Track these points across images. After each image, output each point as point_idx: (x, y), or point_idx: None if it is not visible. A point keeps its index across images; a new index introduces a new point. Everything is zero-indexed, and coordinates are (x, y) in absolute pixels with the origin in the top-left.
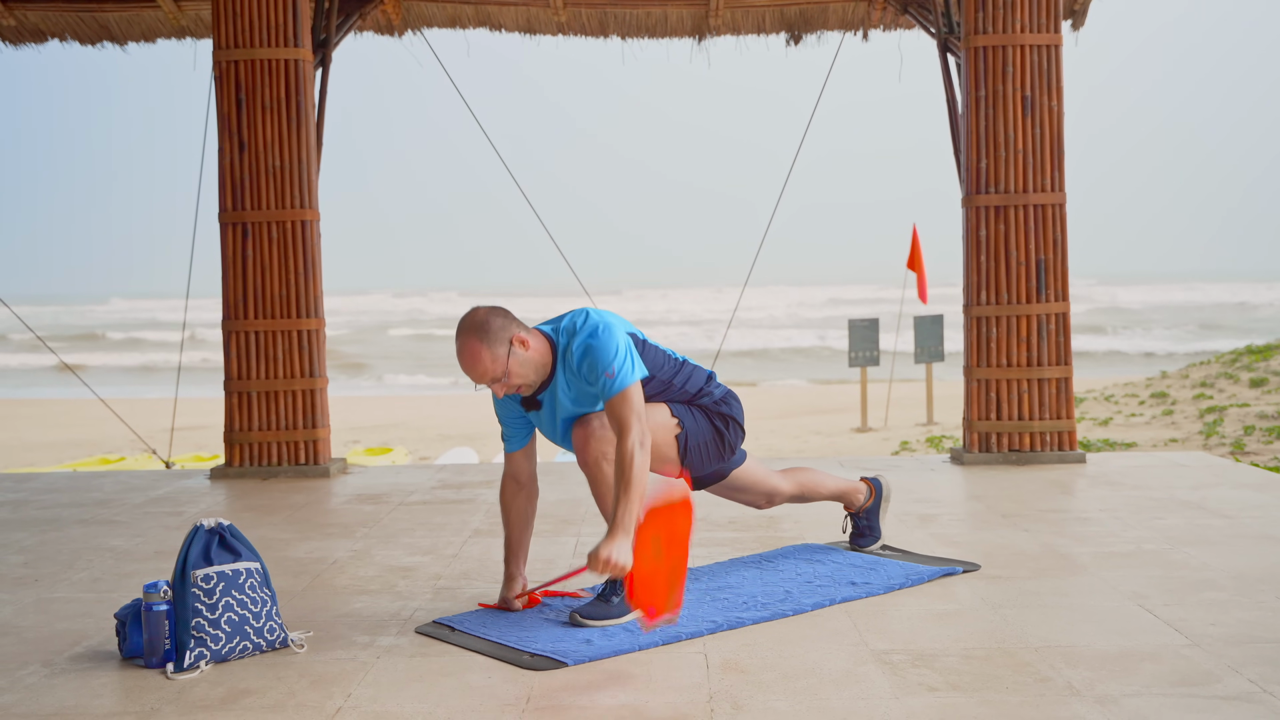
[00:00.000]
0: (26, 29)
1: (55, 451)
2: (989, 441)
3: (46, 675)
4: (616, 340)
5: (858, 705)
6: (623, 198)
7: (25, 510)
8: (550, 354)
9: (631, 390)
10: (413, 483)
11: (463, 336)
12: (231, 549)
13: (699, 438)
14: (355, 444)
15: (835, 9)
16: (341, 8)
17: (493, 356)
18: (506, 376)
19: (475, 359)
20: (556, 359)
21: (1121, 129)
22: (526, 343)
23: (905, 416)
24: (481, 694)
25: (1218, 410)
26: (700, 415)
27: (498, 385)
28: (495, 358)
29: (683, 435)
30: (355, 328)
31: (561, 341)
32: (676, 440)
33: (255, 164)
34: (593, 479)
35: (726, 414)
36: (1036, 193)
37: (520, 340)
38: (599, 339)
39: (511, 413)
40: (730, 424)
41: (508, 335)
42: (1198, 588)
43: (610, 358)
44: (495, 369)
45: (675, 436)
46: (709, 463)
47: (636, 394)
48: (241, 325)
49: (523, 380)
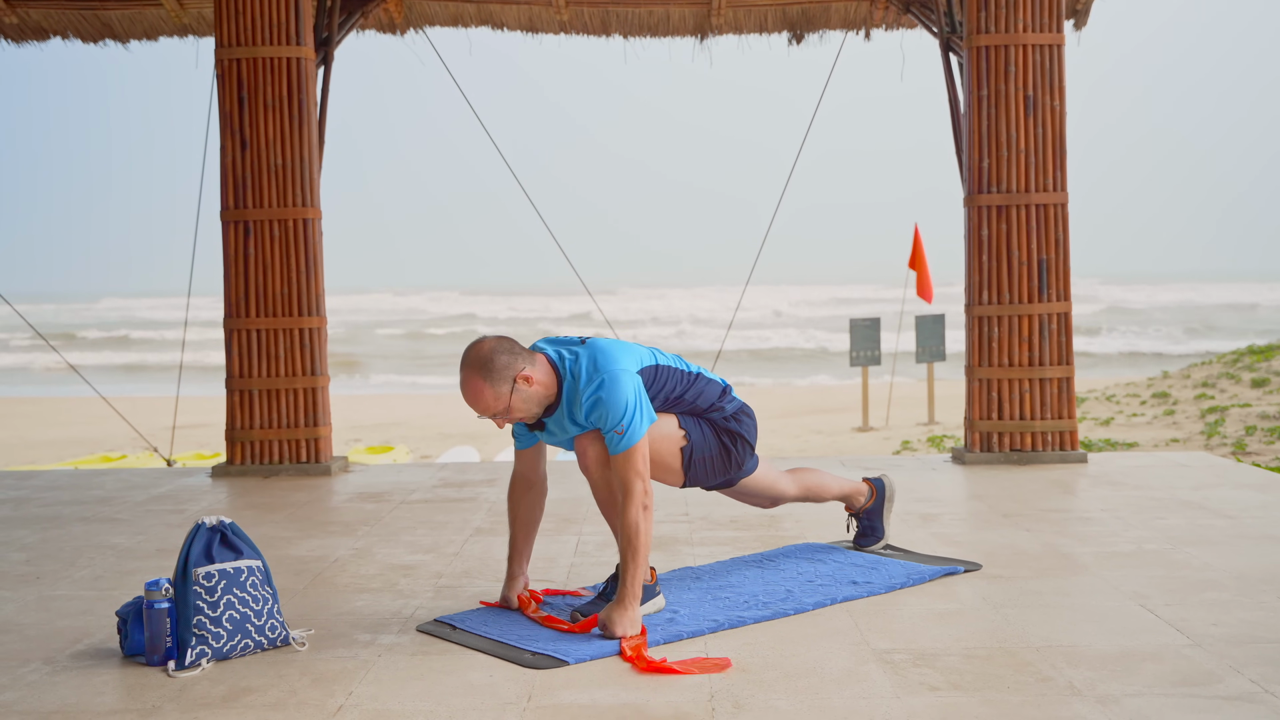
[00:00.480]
0: (29, 27)
1: (57, 449)
2: (990, 441)
3: (48, 673)
4: (626, 394)
5: (859, 704)
6: (623, 197)
7: (27, 508)
8: (555, 385)
9: (638, 449)
10: (414, 481)
11: (466, 371)
12: (233, 547)
13: (704, 452)
14: (357, 442)
15: (837, 8)
16: (344, 6)
17: (495, 395)
18: (508, 413)
19: (478, 396)
20: (562, 389)
21: (1121, 128)
22: (530, 380)
23: (906, 416)
24: (483, 692)
25: (1219, 410)
26: (709, 430)
27: (499, 419)
28: (498, 395)
29: (688, 448)
30: (349, 326)
31: (568, 379)
32: (681, 452)
33: (257, 162)
34: (593, 484)
35: (735, 431)
36: (1038, 192)
37: (524, 378)
38: (609, 393)
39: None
40: (738, 441)
41: (511, 374)
42: (1199, 588)
43: (620, 414)
44: (497, 406)
45: (680, 448)
46: (712, 476)
47: (642, 452)
48: (243, 323)
49: (525, 414)
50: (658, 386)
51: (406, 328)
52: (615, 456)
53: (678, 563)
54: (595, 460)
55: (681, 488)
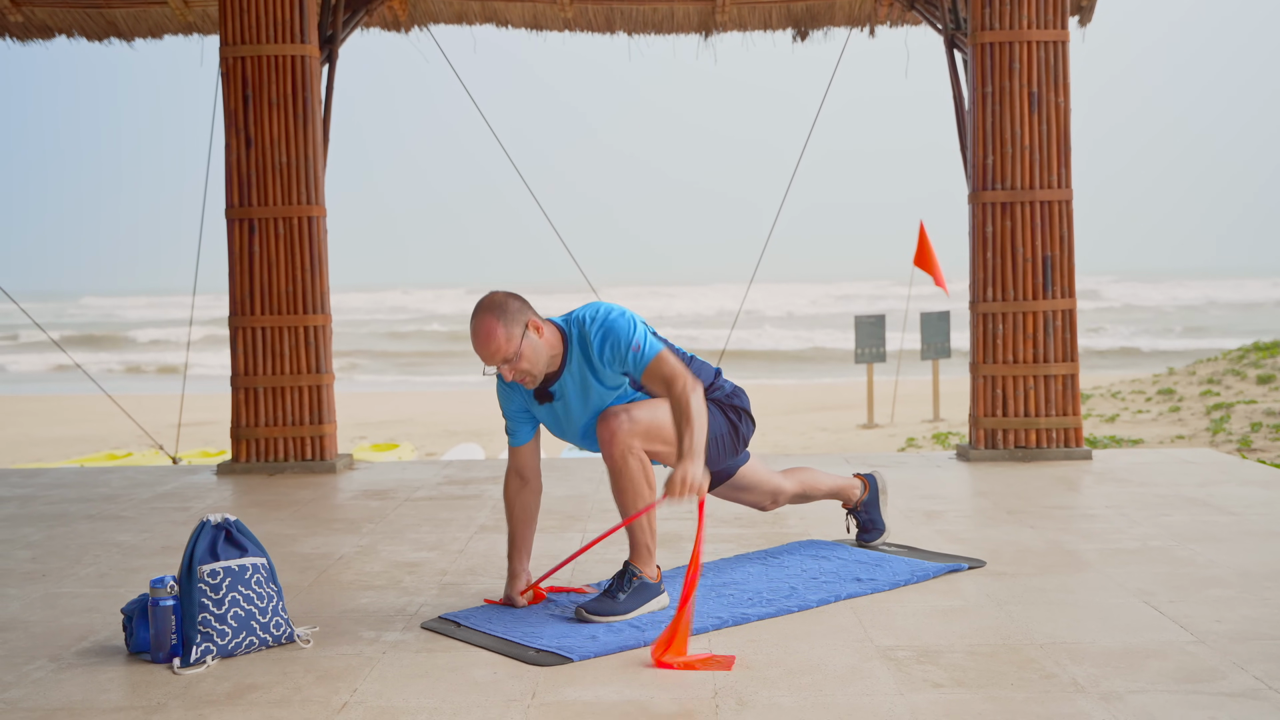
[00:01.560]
0: (34, 25)
1: (62, 447)
2: (995, 438)
3: (54, 670)
4: (631, 320)
5: (863, 701)
6: (628, 194)
7: (33, 505)
8: (561, 345)
9: (664, 354)
10: (419, 478)
11: (480, 315)
12: (238, 544)
13: (715, 430)
14: (362, 440)
15: (842, 5)
16: (348, 4)
17: (508, 335)
18: (518, 358)
19: (490, 336)
20: (567, 352)
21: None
22: (540, 329)
23: (911, 413)
24: (487, 689)
25: (1225, 407)
26: (714, 409)
27: (507, 367)
28: (510, 337)
29: None
30: (354, 323)
31: (574, 332)
32: None
33: (262, 160)
34: (617, 471)
35: (739, 406)
36: (1043, 189)
37: (535, 325)
38: (614, 321)
39: (516, 407)
40: (743, 415)
41: (524, 319)
42: (1203, 584)
43: (630, 334)
44: (509, 349)
45: None
46: (724, 456)
47: (669, 357)
48: (248, 321)
49: (531, 366)
50: None
51: (412, 325)
52: (645, 370)
53: (682, 560)
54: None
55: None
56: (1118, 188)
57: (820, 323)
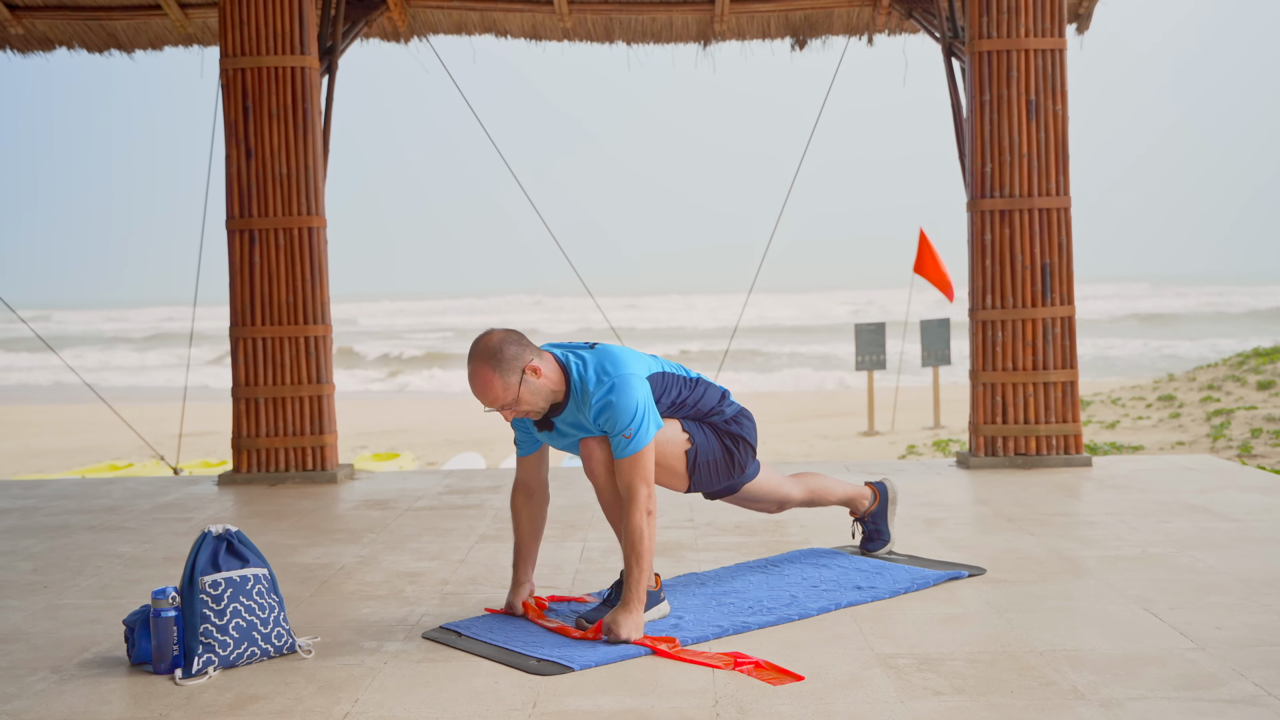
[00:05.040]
0: (35, 37)
1: (64, 458)
2: (995, 445)
3: (56, 681)
4: (635, 398)
5: (863, 709)
6: (627, 204)
7: (35, 517)
8: (563, 381)
9: (644, 454)
10: (420, 488)
11: (475, 362)
12: (239, 555)
13: (708, 455)
14: (363, 449)
15: (840, 14)
16: (348, 15)
17: (504, 385)
18: (516, 404)
19: (487, 386)
20: (570, 388)
21: (1134, 132)
22: (539, 371)
23: (912, 420)
24: (488, 699)
25: (1225, 413)
26: (711, 434)
27: (507, 411)
28: (507, 386)
29: (692, 451)
30: (354, 332)
31: (576, 380)
32: (686, 455)
33: (262, 171)
34: (599, 488)
35: (737, 434)
36: (1041, 196)
37: (533, 369)
38: (618, 396)
39: (524, 420)
40: (740, 444)
41: (520, 364)
42: (1203, 591)
43: (629, 418)
44: (506, 396)
45: (685, 452)
46: (717, 480)
47: (648, 458)
48: (249, 332)
49: (532, 408)
50: (662, 392)
51: (409, 334)
52: (620, 461)
53: (682, 568)
54: (601, 464)
55: (685, 492)
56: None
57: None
